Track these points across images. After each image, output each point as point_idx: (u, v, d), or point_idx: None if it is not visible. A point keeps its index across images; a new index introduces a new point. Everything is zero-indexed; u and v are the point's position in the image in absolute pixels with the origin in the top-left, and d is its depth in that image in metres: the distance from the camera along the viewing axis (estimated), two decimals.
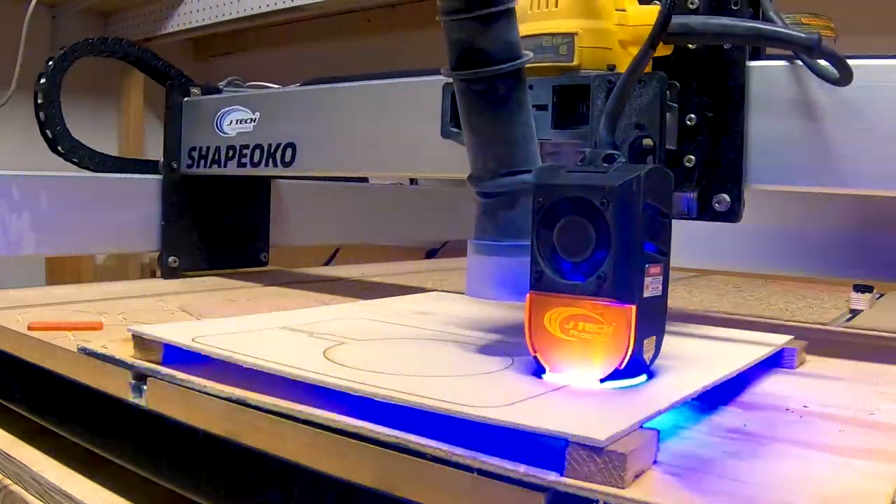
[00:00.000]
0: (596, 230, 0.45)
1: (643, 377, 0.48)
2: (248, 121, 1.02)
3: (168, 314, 0.77)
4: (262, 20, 1.83)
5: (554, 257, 0.47)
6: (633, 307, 0.45)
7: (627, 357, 0.45)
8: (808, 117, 0.62)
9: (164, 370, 0.52)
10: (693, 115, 0.65)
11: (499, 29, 0.51)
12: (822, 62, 0.59)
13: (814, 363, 0.63)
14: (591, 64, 0.57)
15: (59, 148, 1.10)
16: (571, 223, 0.46)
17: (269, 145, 0.98)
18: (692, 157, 0.65)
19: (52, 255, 1.37)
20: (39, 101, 1.09)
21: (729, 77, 0.64)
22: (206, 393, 0.49)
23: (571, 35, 0.57)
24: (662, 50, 0.59)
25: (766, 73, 0.64)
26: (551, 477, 0.36)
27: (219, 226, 1.15)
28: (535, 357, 0.48)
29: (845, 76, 0.58)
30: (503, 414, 0.39)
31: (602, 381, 0.46)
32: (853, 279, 1.12)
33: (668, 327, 0.62)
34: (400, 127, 0.85)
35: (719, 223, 0.67)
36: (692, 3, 0.63)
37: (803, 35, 0.56)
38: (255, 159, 1.00)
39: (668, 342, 0.58)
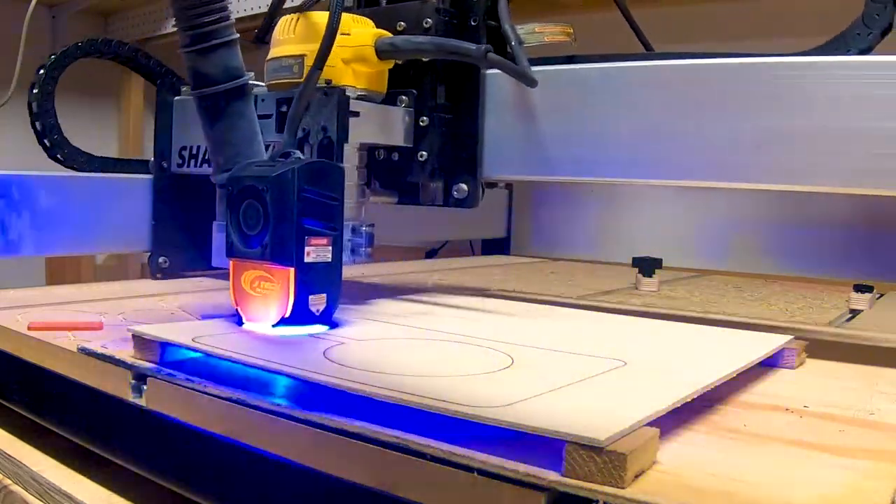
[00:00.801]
0: (263, 210, 0.59)
1: (321, 326, 0.61)
2: None
3: (168, 314, 0.77)
4: (262, 20, 1.83)
5: (239, 231, 0.61)
6: (292, 269, 0.59)
7: (290, 308, 0.59)
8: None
9: (164, 370, 0.52)
10: (426, 118, 0.77)
11: (217, 57, 0.65)
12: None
13: (814, 363, 0.64)
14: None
15: (59, 156, 1.10)
16: (250, 205, 0.60)
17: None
18: (424, 152, 0.78)
19: (52, 255, 1.37)
20: (34, 110, 1.08)
21: (467, 85, 0.76)
22: (206, 393, 0.49)
23: (301, 56, 0.70)
24: (384, 64, 0.74)
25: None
26: (551, 477, 0.36)
27: (208, 225, 1.12)
28: (237, 310, 0.62)
29: (526, 81, 0.71)
30: (503, 414, 0.39)
31: (274, 326, 0.59)
32: (853, 279, 1.12)
33: (668, 326, 0.63)
34: None
35: (719, 223, 0.72)
36: (426, 23, 0.76)
37: (473, 48, 0.70)
38: None
39: (662, 340, 0.57)
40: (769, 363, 0.60)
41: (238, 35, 0.67)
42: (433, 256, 1.73)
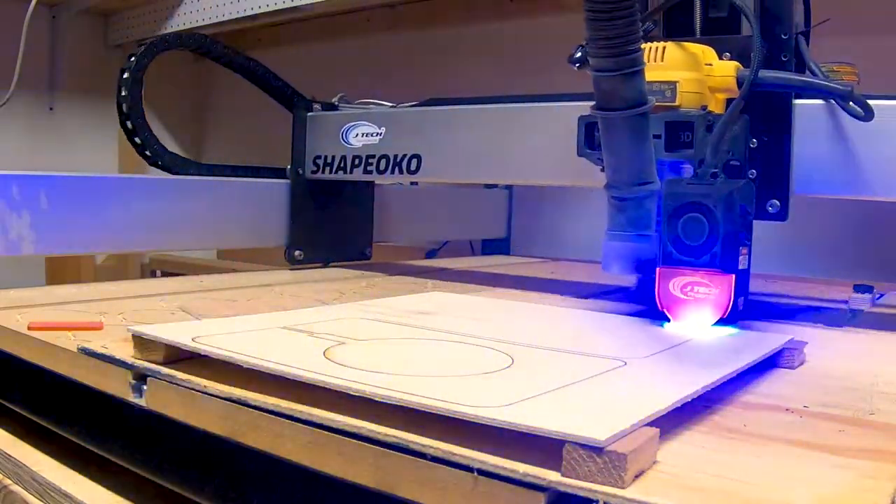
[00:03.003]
0: (709, 224, 0.67)
1: (735, 328, 0.68)
2: (374, 134, 1.18)
3: (168, 314, 0.77)
4: (262, 20, 1.83)
5: (677, 242, 0.68)
6: (733, 276, 0.67)
7: (729, 309, 0.66)
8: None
9: (164, 370, 0.52)
10: (755, 140, 0.84)
11: (635, 82, 0.69)
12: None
13: (814, 363, 0.64)
14: (688, 104, 0.76)
15: (147, 153, 1.20)
16: (691, 219, 0.67)
17: (395, 156, 1.16)
18: (754, 171, 0.84)
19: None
20: (124, 110, 1.18)
21: (781, 112, 0.84)
22: (206, 393, 0.49)
23: (675, 83, 0.77)
24: (737, 93, 0.79)
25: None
26: (551, 477, 0.36)
27: (332, 224, 1.32)
28: (663, 311, 0.69)
29: (868, 114, 0.78)
30: (503, 414, 0.39)
31: (713, 325, 0.67)
32: (853, 279, 1.12)
33: (666, 325, 0.62)
34: (506, 141, 1.07)
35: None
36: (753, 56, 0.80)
37: (841, 87, 0.78)
38: (381, 167, 1.17)
39: (662, 340, 0.57)
40: (769, 363, 0.60)
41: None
42: (433, 256, 1.73)
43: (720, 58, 0.81)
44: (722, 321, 0.67)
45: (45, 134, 2.01)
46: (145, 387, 0.52)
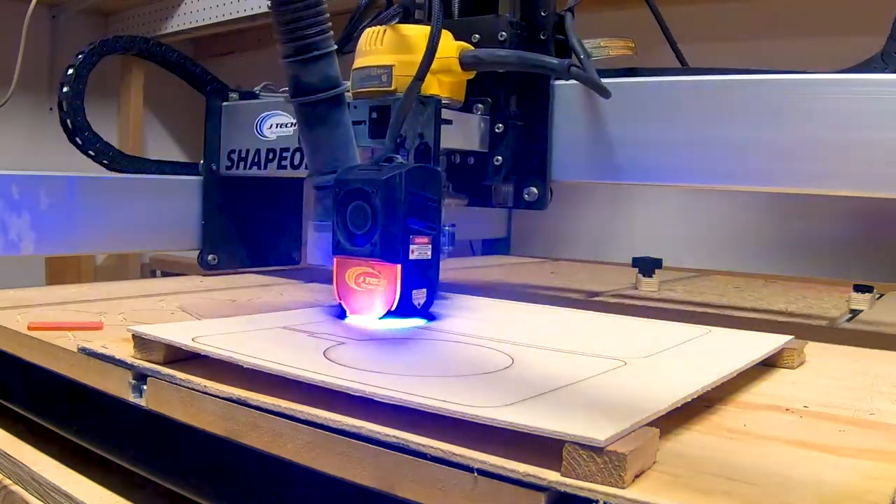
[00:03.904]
0: (371, 210, 0.62)
1: (420, 320, 0.65)
2: (289, 125, 1.05)
3: (168, 314, 0.77)
4: (262, 20, 1.83)
5: (346, 230, 0.64)
6: (399, 266, 0.62)
7: (396, 302, 0.63)
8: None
9: (164, 370, 0.52)
10: (501, 125, 0.82)
11: (318, 68, 0.68)
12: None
13: (814, 363, 0.64)
14: (405, 88, 0.71)
15: (90, 151, 1.13)
16: (357, 206, 0.63)
17: None
18: (500, 157, 0.82)
19: (59, 254, 1.38)
20: (64, 108, 1.10)
21: (537, 94, 0.80)
22: (206, 393, 0.49)
23: (390, 67, 0.73)
24: (466, 75, 0.77)
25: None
26: (551, 477, 0.36)
27: (254, 225, 1.20)
28: (340, 304, 0.66)
29: (601, 93, 0.74)
30: (503, 414, 0.39)
31: (380, 318, 0.63)
32: (853, 279, 1.12)
33: (668, 326, 0.63)
34: None
35: (719, 223, 0.78)
36: (501, 36, 0.79)
37: (556, 62, 0.74)
38: (296, 162, 1.04)
39: (662, 340, 0.57)
40: (769, 363, 0.60)
41: (335, 46, 0.70)
42: None
43: (469, 40, 0.79)
44: (391, 314, 0.63)
45: (45, 134, 2.01)
46: (145, 387, 0.52)
